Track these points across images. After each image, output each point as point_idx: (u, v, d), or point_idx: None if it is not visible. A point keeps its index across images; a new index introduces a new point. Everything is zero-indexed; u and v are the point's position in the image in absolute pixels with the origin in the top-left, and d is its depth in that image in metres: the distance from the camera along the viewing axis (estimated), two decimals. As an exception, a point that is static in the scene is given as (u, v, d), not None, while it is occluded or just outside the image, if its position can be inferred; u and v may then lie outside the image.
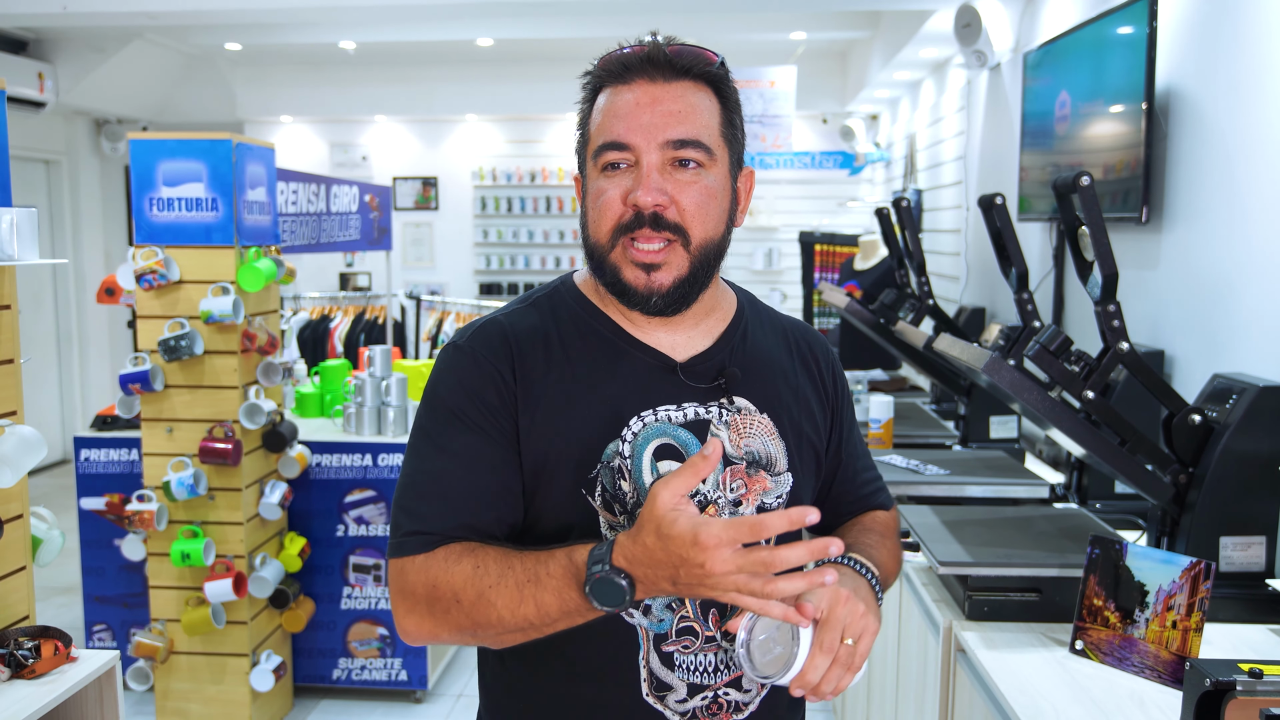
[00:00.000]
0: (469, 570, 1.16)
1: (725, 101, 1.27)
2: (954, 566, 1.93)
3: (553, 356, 1.26)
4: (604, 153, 1.23)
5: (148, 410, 3.46)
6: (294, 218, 4.11)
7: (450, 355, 1.29)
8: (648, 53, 1.23)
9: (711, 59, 1.25)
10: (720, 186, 1.25)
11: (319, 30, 6.73)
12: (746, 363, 1.32)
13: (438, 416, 1.25)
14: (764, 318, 1.41)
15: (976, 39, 4.30)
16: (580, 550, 1.12)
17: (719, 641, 1.26)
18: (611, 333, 1.29)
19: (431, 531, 1.21)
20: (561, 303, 1.32)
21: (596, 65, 1.27)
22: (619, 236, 1.22)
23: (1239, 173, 2.33)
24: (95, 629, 4.00)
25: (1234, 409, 1.81)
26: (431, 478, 1.23)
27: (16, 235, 2.09)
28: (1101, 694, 1.59)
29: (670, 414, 1.26)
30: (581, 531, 1.22)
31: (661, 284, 1.23)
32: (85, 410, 8.14)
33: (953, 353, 2.25)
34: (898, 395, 4.15)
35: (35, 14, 5.41)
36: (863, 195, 8.63)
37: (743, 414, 1.29)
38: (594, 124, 1.26)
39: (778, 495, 1.31)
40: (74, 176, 8.16)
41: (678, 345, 1.30)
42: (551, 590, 1.12)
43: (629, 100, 1.22)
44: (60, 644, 1.97)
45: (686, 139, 1.21)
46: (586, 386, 1.25)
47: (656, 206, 1.20)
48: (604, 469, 1.23)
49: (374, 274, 8.93)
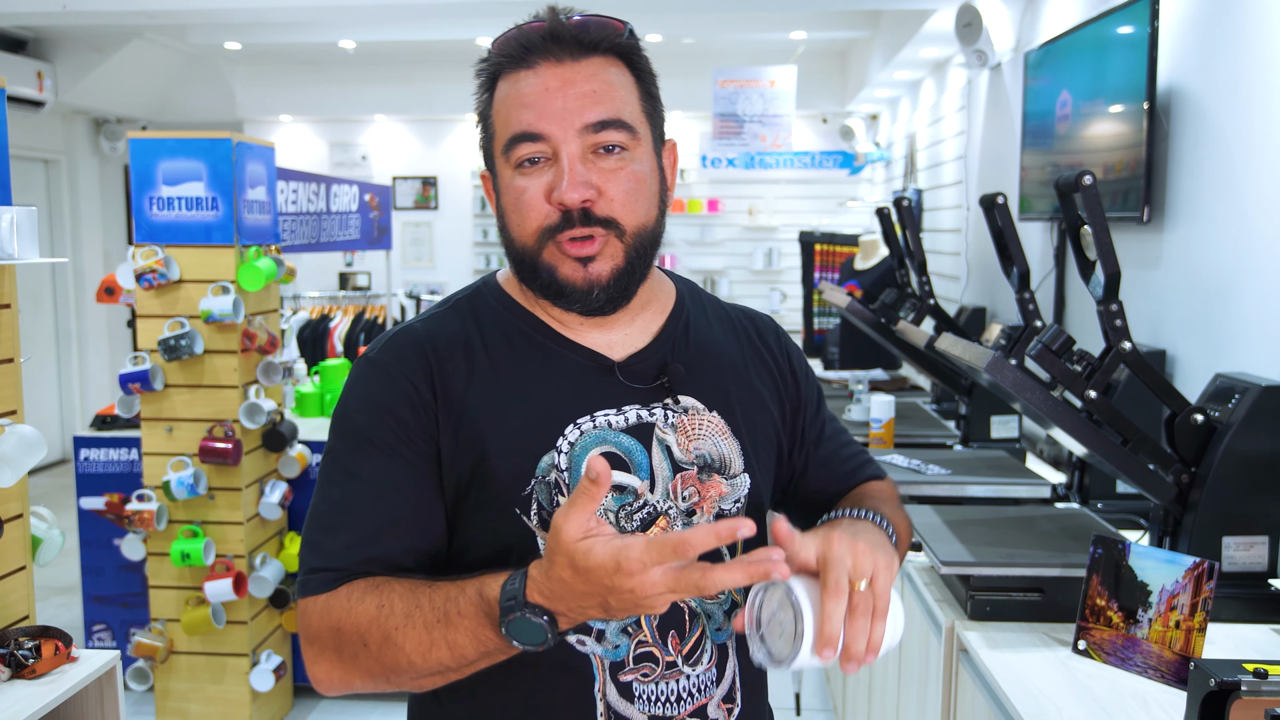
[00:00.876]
0: (372, 610, 1.05)
1: (640, 74, 1.16)
2: (956, 566, 1.92)
3: (476, 364, 1.15)
4: (516, 146, 1.11)
5: (147, 410, 3.46)
6: (294, 217, 4.11)
7: (361, 370, 1.17)
8: (549, 29, 1.10)
9: (620, 28, 1.14)
10: (648, 169, 1.14)
11: (319, 29, 6.73)
12: (691, 358, 1.22)
13: (345, 438, 1.14)
14: (707, 307, 1.30)
15: (977, 38, 4.30)
16: (492, 584, 1.00)
17: (680, 667, 1.15)
18: (541, 334, 1.18)
19: (334, 568, 1.09)
20: (484, 304, 1.21)
21: (492, 49, 1.14)
22: (547, 239, 1.11)
23: (1240, 172, 2.33)
24: (95, 629, 4.00)
25: (1236, 408, 1.81)
26: (337, 507, 1.12)
27: (16, 234, 2.08)
28: (1104, 694, 1.59)
29: (610, 419, 1.15)
30: (520, 554, 1.11)
31: (600, 275, 1.12)
32: (85, 410, 8.13)
33: (954, 352, 2.25)
34: (899, 395, 4.15)
35: (34, 13, 5.40)
36: (863, 195, 8.63)
37: (690, 414, 1.19)
38: (497, 116, 1.13)
39: (735, 500, 1.20)
40: (73, 176, 8.15)
41: (614, 344, 1.19)
42: (465, 631, 1.00)
43: (535, 85, 1.10)
44: (60, 644, 1.96)
45: (607, 119, 1.10)
46: (516, 395, 1.14)
47: (585, 202, 1.09)
48: (539, 484, 1.12)
49: (374, 273, 8.92)
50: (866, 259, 5.63)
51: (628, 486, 1.14)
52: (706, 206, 8.81)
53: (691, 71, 7.93)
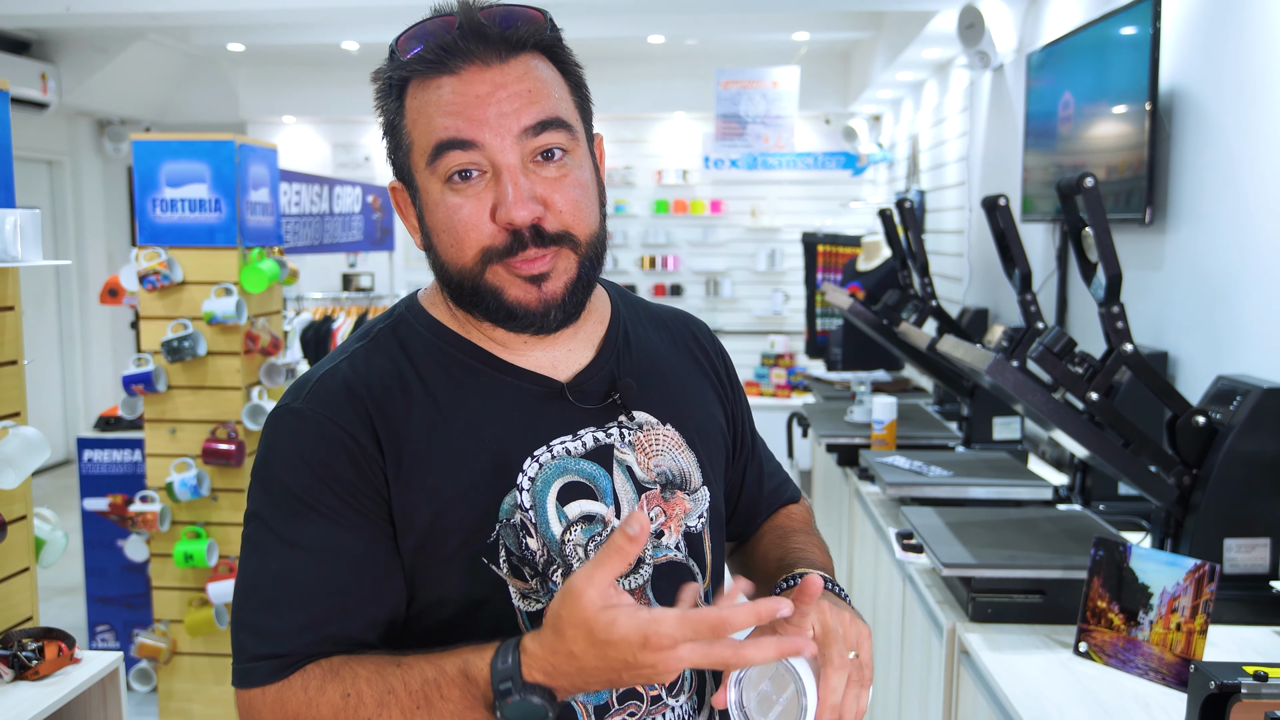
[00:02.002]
0: (337, 700, 0.94)
1: (566, 68, 1.05)
2: (958, 568, 1.92)
3: (415, 403, 1.03)
4: (444, 155, 0.99)
5: (150, 411, 3.47)
6: (297, 218, 4.11)
7: (284, 422, 1.02)
8: (471, 27, 0.98)
9: (542, 20, 1.03)
10: (589, 173, 1.05)
11: (322, 31, 6.74)
12: (636, 369, 1.13)
13: (276, 502, 1.00)
14: (639, 312, 1.21)
15: (980, 40, 4.30)
16: (476, 661, 0.91)
17: (665, 700, 1.08)
18: (480, 361, 1.06)
19: (283, 654, 0.97)
20: (411, 334, 1.07)
21: (396, 50, 1.03)
22: (489, 262, 1.00)
23: (1243, 174, 2.33)
24: (98, 630, 4.01)
25: (1238, 410, 1.81)
26: (276, 581, 0.99)
27: (20, 236, 2.09)
28: (1105, 696, 1.59)
29: (568, 446, 1.06)
30: (494, 606, 1.02)
31: (554, 293, 1.01)
32: (88, 411, 8.15)
33: (956, 354, 2.25)
34: (901, 396, 4.15)
35: (38, 15, 5.41)
36: (865, 196, 8.63)
37: (645, 430, 1.10)
38: (415, 126, 1.01)
39: (699, 515, 1.13)
40: (77, 177, 8.17)
41: (558, 362, 1.09)
42: (450, 715, 0.92)
43: (461, 91, 0.98)
44: (63, 645, 1.97)
45: (546, 119, 0.99)
46: (464, 433, 1.03)
47: (536, 220, 0.99)
48: (504, 529, 1.02)
49: (376, 275, 8.92)
50: (869, 260, 5.63)
51: (596, 516, 1.06)
52: (709, 207, 8.81)
53: (694, 72, 7.94)
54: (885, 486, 2.65)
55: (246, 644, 0.99)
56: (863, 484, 3.08)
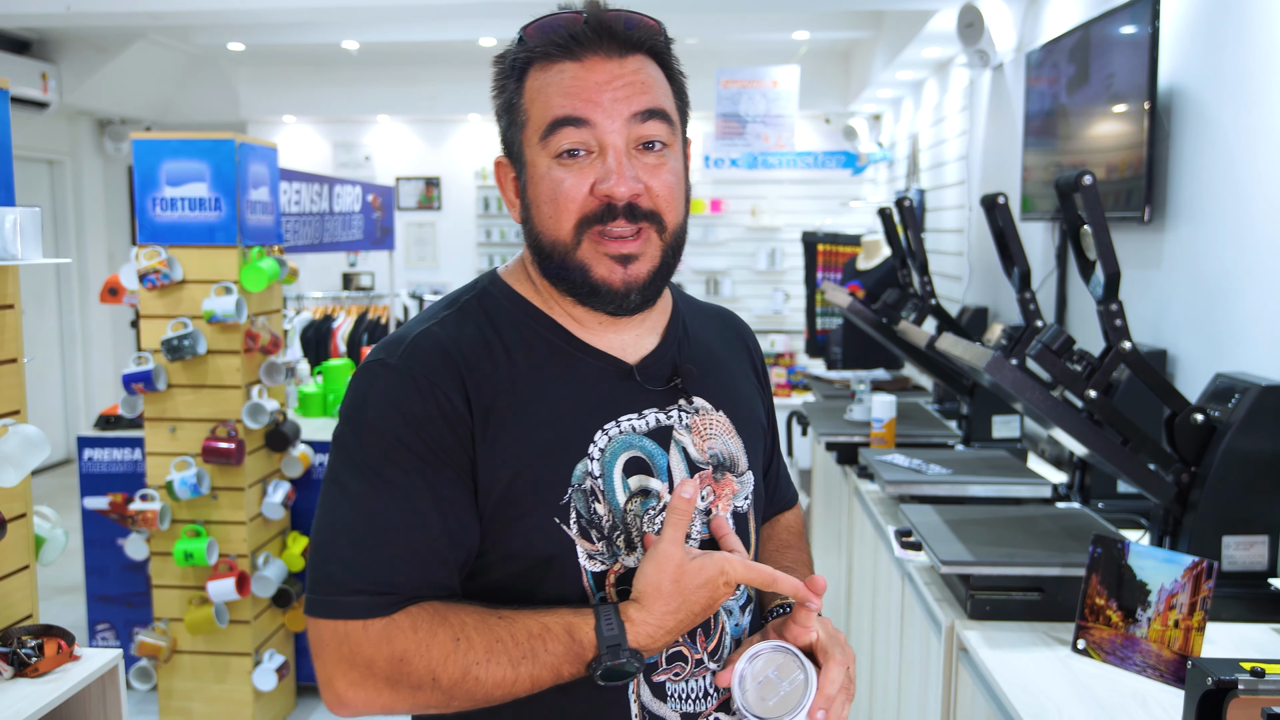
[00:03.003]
0: (448, 644, 1.02)
1: (672, 74, 1.16)
2: (956, 566, 1.93)
3: (500, 371, 1.11)
4: (558, 131, 1.08)
5: (151, 410, 3.47)
6: (297, 217, 4.11)
7: (380, 375, 1.09)
8: (599, 23, 1.09)
9: (658, 28, 1.14)
10: (681, 170, 1.16)
11: (322, 30, 6.74)
12: (695, 357, 1.23)
13: (372, 448, 1.06)
14: (693, 307, 1.32)
15: (979, 39, 4.30)
16: (581, 625, 1.04)
17: (707, 664, 1.16)
18: (560, 338, 1.15)
19: (386, 591, 1.03)
20: (496, 306, 1.16)
21: (526, 36, 1.11)
22: (585, 229, 1.09)
23: (1241, 172, 2.33)
24: (98, 628, 4.01)
25: (1236, 408, 1.81)
26: (372, 521, 1.05)
27: (20, 235, 2.09)
28: (1104, 693, 1.59)
29: (634, 424, 1.15)
30: (560, 564, 1.10)
31: (638, 276, 1.11)
32: (88, 410, 8.15)
33: (955, 352, 2.25)
34: (900, 395, 4.15)
35: (38, 14, 5.41)
36: (865, 195, 8.63)
37: (701, 414, 1.20)
38: (532, 104, 1.10)
39: (745, 496, 1.22)
40: (77, 176, 8.17)
41: (627, 345, 1.18)
42: (549, 668, 1.03)
43: (582, 77, 1.08)
44: (63, 643, 1.97)
45: (654, 108, 1.10)
46: (544, 403, 1.11)
47: (634, 196, 1.08)
48: (576, 493, 1.10)
49: (377, 274, 8.93)
50: (869, 259, 5.63)
51: (652, 490, 1.14)
52: (709, 206, 8.81)
53: (695, 72, 7.84)
54: (884, 484, 2.65)
55: (337, 576, 1.05)
56: (862, 482, 3.08)
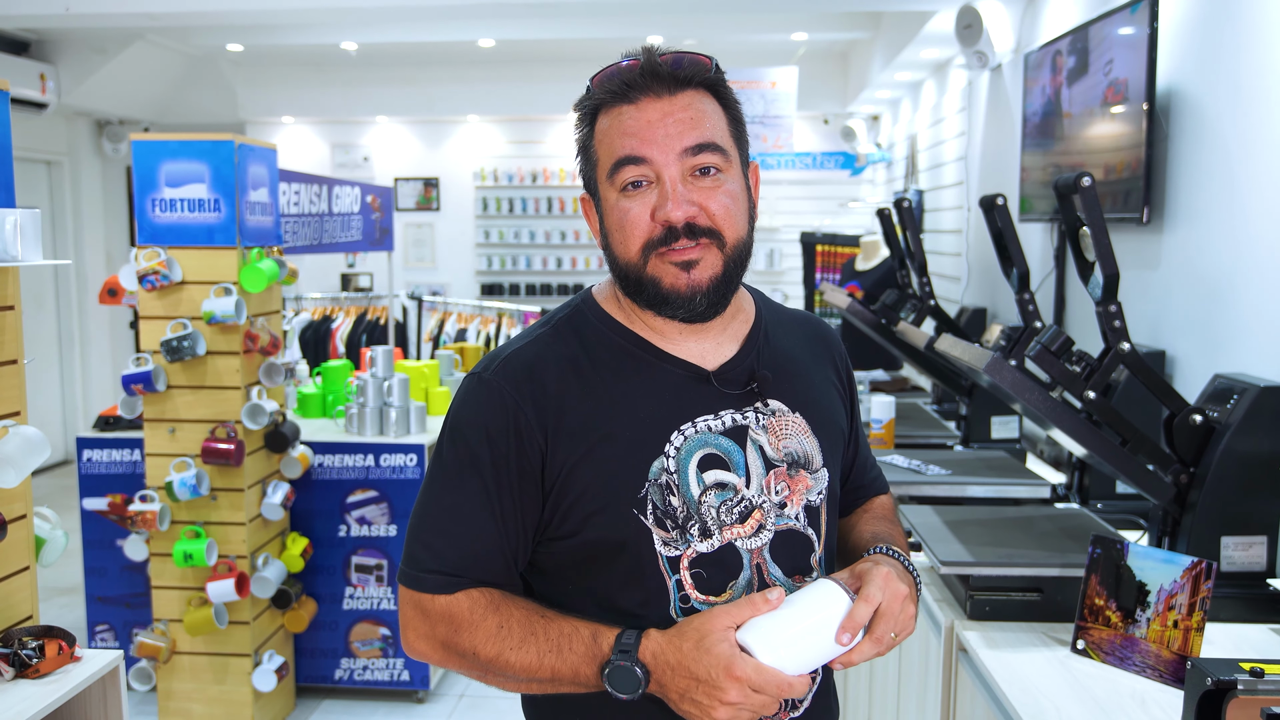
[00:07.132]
0: (492, 628, 1.22)
1: (726, 104, 1.28)
2: (956, 566, 1.93)
3: (586, 382, 1.26)
4: (621, 170, 1.23)
5: (150, 411, 3.47)
6: (296, 218, 4.11)
7: (474, 388, 1.28)
8: (649, 67, 1.23)
9: (708, 64, 1.26)
10: (740, 188, 1.26)
11: (321, 31, 6.74)
12: (773, 363, 1.34)
13: (458, 451, 1.26)
14: (778, 315, 1.43)
15: (978, 40, 4.30)
16: (606, 635, 1.19)
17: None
18: (642, 348, 1.29)
19: (453, 574, 1.24)
20: (585, 323, 1.32)
21: (593, 87, 1.26)
22: (650, 252, 1.23)
23: (1240, 173, 2.33)
24: (98, 629, 4.01)
25: (1235, 409, 1.81)
26: (450, 514, 1.26)
27: (19, 236, 2.09)
28: (1103, 693, 1.59)
29: (709, 424, 1.27)
30: (636, 549, 1.24)
31: (700, 281, 1.23)
32: (88, 411, 8.14)
33: (954, 353, 2.26)
34: (899, 396, 4.15)
35: (37, 15, 5.41)
36: (864, 196, 8.63)
37: (777, 416, 1.31)
38: (600, 146, 1.26)
39: (818, 492, 1.33)
40: (76, 177, 8.17)
41: (706, 353, 1.31)
42: (568, 665, 1.19)
43: (637, 117, 1.22)
44: (64, 644, 1.97)
45: (703, 143, 1.22)
46: (625, 407, 1.26)
47: (689, 219, 1.21)
48: (652, 487, 1.24)
49: (376, 275, 8.93)
50: (868, 260, 5.63)
51: (728, 484, 1.27)
52: (708, 207, 8.81)
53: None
54: (883, 485, 2.65)
55: (420, 555, 1.26)
56: (861, 483, 3.08)
